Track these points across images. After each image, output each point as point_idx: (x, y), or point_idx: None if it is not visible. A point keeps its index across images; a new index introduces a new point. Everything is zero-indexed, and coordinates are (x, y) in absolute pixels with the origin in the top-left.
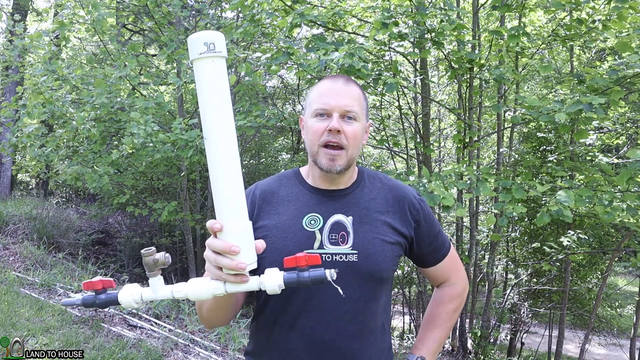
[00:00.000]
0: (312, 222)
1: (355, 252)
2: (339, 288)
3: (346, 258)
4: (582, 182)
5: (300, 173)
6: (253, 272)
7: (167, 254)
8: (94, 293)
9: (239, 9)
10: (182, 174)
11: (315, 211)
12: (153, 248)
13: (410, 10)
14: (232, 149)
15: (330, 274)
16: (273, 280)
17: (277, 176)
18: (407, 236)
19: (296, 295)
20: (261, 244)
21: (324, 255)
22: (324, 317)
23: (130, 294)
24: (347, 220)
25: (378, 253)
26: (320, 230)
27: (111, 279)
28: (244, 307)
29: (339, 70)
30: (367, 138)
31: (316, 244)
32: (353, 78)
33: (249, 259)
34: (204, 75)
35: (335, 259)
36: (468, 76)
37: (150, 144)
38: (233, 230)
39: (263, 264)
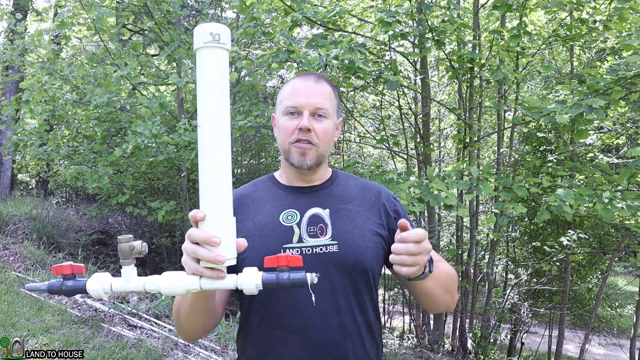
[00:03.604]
0: (289, 217)
1: (335, 242)
2: (313, 296)
3: (327, 249)
4: (582, 182)
5: (275, 176)
6: (232, 273)
7: (144, 243)
8: (61, 279)
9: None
10: (182, 174)
11: (291, 207)
12: (130, 235)
13: (411, 10)
14: (225, 139)
15: (311, 277)
16: (251, 280)
17: (252, 182)
18: (386, 227)
19: (280, 295)
20: (243, 242)
21: (304, 249)
22: (311, 313)
23: (99, 283)
24: (324, 213)
25: (359, 243)
26: (298, 225)
27: (82, 265)
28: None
29: (338, 68)
30: (338, 134)
31: (295, 238)
32: (326, 76)
33: (228, 253)
34: (205, 63)
35: (316, 251)
36: (468, 76)
37: (154, 145)
38: (215, 221)
39: (243, 264)
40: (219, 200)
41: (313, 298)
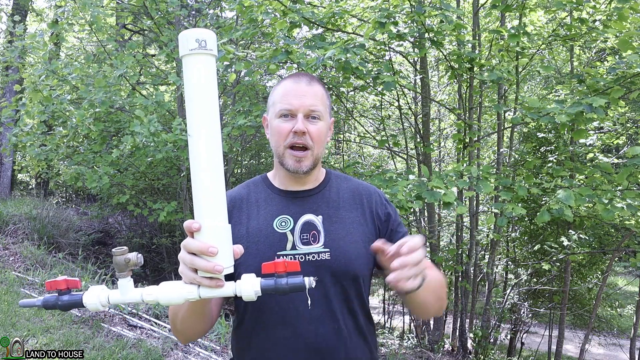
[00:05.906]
0: (283, 223)
1: (327, 250)
2: (309, 299)
3: (319, 257)
4: (582, 182)
5: (268, 178)
6: (229, 279)
7: (140, 255)
8: (56, 294)
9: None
10: (182, 174)
11: (285, 213)
12: (125, 247)
13: (410, 10)
14: (216, 148)
15: (309, 281)
16: (249, 286)
17: (245, 183)
18: (377, 232)
19: (273, 300)
20: (239, 248)
21: (297, 256)
22: (304, 319)
23: (96, 296)
24: (317, 220)
25: (350, 250)
26: (292, 231)
27: (77, 279)
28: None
29: (335, 68)
30: (331, 134)
31: (288, 245)
32: (326, 77)
33: (226, 262)
34: (193, 71)
35: (308, 258)
36: (468, 76)
37: (152, 144)
38: (211, 230)
39: (238, 269)
40: (214, 209)
41: (309, 302)
